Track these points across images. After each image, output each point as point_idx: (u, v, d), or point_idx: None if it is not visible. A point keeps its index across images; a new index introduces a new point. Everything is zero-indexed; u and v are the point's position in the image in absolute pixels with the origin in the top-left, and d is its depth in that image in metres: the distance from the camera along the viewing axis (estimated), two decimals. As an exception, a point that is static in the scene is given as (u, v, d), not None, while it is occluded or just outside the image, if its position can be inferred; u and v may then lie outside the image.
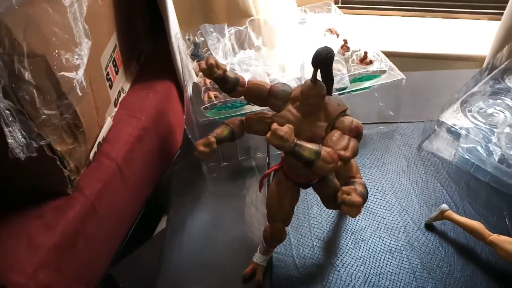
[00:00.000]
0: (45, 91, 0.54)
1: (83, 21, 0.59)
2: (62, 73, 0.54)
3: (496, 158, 0.69)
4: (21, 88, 0.49)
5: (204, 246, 0.64)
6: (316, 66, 0.42)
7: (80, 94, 0.57)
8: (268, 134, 0.39)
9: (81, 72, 0.57)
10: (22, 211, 0.68)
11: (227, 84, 0.47)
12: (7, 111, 0.47)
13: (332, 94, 0.48)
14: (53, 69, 0.55)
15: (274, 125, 0.39)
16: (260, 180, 0.57)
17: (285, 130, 0.39)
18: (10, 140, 0.48)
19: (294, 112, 0.45)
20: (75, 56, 0.56)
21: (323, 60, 0.42)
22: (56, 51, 0.55)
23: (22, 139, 0.48)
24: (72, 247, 0.69)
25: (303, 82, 0.44)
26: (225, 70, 0.46)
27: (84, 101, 0.69)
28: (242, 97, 0.50)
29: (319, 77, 0.44)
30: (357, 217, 0.66)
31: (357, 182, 0.43)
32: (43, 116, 0.52)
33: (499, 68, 0.86)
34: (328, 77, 0.44)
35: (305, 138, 0.43)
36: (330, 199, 0.55)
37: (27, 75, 0.48)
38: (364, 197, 0.41)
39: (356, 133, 0.43)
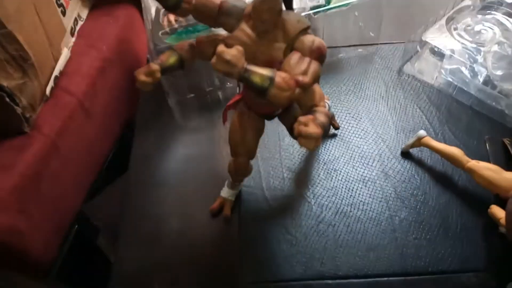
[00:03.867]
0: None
1: None
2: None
3: (481, 80, 0.65)
4: None
5: (171, 181, 0.62)
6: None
7: None
8: (213, 59, 0.34)
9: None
10: (-26, 152, 0.64)
11: (169, 0, 0.40)
12: None
13: (308, 14, 0.42)
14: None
15: (220, 48, 0.34)
16: (224, 112, 0.53)
17: (233, 53, 0.34)
18: None
19: (248, 32, 0.39)
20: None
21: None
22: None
23: None
24: (35, 187, 0.66)
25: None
26: (166, -16, 0.39)
27: (28, 30, 0.62)
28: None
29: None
30: (331, 146, 0.62)
31: (318, 111, 0.38)
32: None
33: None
34: (286, -12, 0.38)
35: (262, 63, 0.38)
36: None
37: None
38: (325, 127, 0.37)
39: (318, 55, 0.37)
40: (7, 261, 0.65)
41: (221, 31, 0.45)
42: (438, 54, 0.68)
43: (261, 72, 0.35)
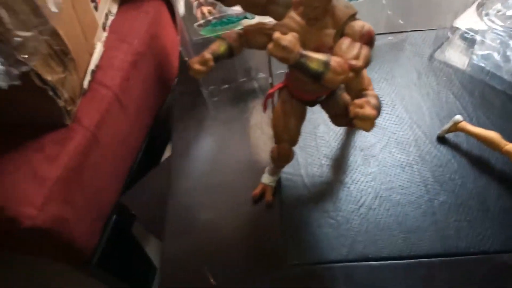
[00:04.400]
0: (16, 9, 0.48)
1: None
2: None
3: (514, 64, 0.65)
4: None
5: (211, 170, 0.63)
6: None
7: (54, 9, 0.52)
8: (270, 45, 0.35)
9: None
10: (22, 144, 0.66)
11: (220, -10, 0.41)
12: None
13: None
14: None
15: (276, 34, 0.35)
16: (264, 100, 0.54)
17: (289, 39, 0.35)
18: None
19: (297, 20, 0.40)
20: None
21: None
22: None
23: (0, 66, 0.43)
24: (78, 178, 0.68)
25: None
26: (219, -26, 0.40)
27: (67, 25, 0.64)
28: (238, 10, 0.45)
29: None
30: (366, 133, 0.63)
31: (370, 95, 0.39)
32: (16, 38, 0.47)
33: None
34: (335, -25, 0.39)
35: (311, 49, 0.39)
36: (339, 116, 0.53)
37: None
38: (378, 109, 0.38)
39: (368, 39, 0.38)
40: (54, 249, 0.68)
41: (263, 20, 0.46)
42: (470, 40, 0.69)
43: (316, 57, 0.36)
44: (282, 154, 0.52)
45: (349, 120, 0.37)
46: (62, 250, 0.68)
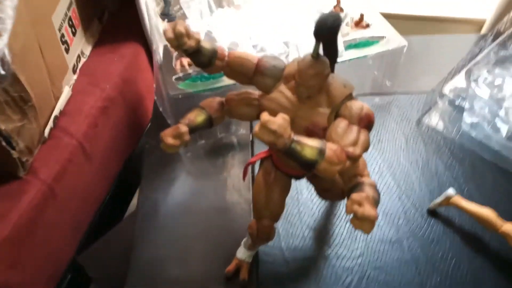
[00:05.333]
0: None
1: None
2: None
3: (504, 135, 0.63)
4: None
5: (181, 236, 0.57)
6: (319, 38, 0.32)
7: (2, 72, 0.46)
8: (257, 128, 0.30)
9: (3, 41, 0.44)
10: (-35, 201, 0.58)
11: (201, 57, 0.37)
12: None
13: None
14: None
15: (264, 116, 0.30)
16: (244, 168, 0.49)
17: (279, 122, 0.30)
18: None
19: (288, 95, 0.36)
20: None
21: (328, 30, 0.32)
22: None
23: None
24: (29, 238, 0.60)
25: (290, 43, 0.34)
26: (198, 41, 0.35)
27: (32, 69, 0.58)
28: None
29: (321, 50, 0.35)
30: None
31: (367, 184, 0.35)
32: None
33: (506, 34, 0.78)
34: (333, 51, 0.35)
35: (302, 129, 0.35)
36: (326, 191, 0.48)
37: None
38: (377, 203, 0.34)
39: (367, 123, 0.34)
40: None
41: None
42: (459, 107, 0.66)
43: (310, 144, 0.31)
44: (262, 232, 0.46)
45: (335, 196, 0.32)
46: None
